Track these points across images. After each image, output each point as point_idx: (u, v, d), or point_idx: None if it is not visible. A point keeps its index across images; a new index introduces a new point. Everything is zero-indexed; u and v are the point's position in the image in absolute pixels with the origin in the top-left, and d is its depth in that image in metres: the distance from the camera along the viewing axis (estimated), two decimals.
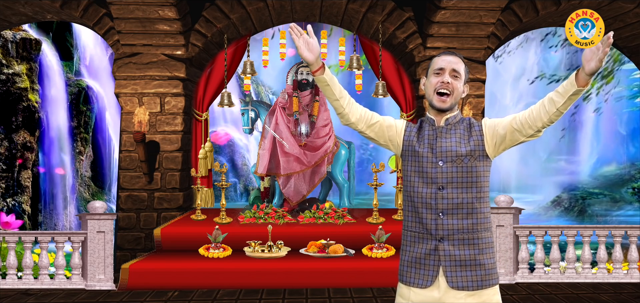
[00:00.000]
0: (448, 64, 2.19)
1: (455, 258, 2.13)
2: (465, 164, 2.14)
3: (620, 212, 13.65)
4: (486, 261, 2.15)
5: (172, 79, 6.74)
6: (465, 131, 2.20)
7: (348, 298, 4.94)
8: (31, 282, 5.44)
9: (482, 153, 2.16)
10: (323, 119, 6.92)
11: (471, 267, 2.13)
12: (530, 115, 2.08)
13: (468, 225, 2.14)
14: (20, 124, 9.89)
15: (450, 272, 2.13)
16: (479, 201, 2.16)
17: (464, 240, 2.14)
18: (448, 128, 2.20)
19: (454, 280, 2.12)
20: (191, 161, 7.16)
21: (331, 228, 6.03)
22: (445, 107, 2.18)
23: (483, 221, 2.17)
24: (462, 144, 2.16)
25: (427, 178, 2.16)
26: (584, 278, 5.60)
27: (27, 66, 10.18)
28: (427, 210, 2.16)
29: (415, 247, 2.21)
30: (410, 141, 2.24)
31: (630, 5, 6.69)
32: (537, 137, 2.13)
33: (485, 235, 2.17)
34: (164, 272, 5.37)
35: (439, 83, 2.17)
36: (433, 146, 2.18)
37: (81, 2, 6.68)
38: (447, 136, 2.19)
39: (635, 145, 14.86)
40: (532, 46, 16.10)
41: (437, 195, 2.14)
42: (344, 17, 7.19)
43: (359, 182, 7.96)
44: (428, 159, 2.17)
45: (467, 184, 2.14)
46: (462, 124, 2.23)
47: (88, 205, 5.59)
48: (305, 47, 2.14)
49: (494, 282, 2.16)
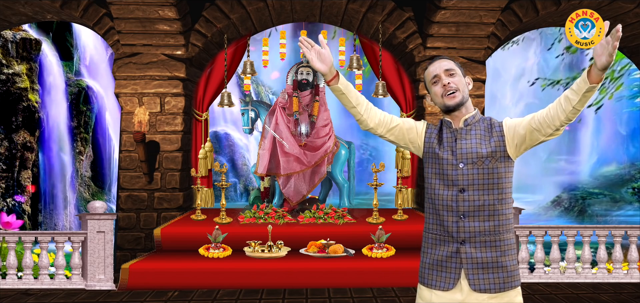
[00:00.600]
0: (440, 68, 2.20)
1: (477, 260, 2.11)
2: (487, 166, 2.12)
3: (620, 212, 13.66)
4: (508, 263, 2.13)
5: (172, 79, 6.75)
6: (486, 131, 2.18)
7: (348, 298, 4.93)
8: (31, 282, 5.44)
9: (504, 153, 2.14)
10: (323, 119, 6.92)
11: (493, 269, 2.11)
12: (548, 114, 2.06)
13: (490, 227, 2.12)
14: (20, 124, 9.89)
15: (473, 274, 2.11)
16: (500, 203, 2.14)
17: (485, 242, 2.12)
18: (467, 128, 2.18)
19: (477, 283, 2.11)
20: (191, 161, 7.16)
21: (331, 228, 6.03)
22: (457, 101, 2.16)
23: (505, 223, 2.15)
24: (482, 145, 2.14)
25: (448, 181, 2.15)
26: (584, 278, 5.60)
27: (27, 66, 10.19)
28: (448, 213, 2.15)
29: (436, 250, 2.20)
30: (431, 144, 2.23)
31: (630, 5, 6.69)
32: (557, 135, 2.10)
33: (507, 236, 2.16)
34: (164, 271, 5.37)
35: (441, 88, 2.18)
36: (453, 148, 2.17)
37: (81, 2, 6.68)
38: (467, 137, 2.17)
39: (635, 145, 14.86)
40: (533, 46, 16.11)
41: (458, 197, 2.13)
42: (344, 17, 7.19)
43: (359, 182, 7.96)
44: (448, 162, 2.16)
45: (489, 186, 2.12)
46: (482, 123, 2.20)
47: (88, 205, 5.59)
48: (317, 59, 2.13)
49: (516, 283, 2.15)
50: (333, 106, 7.26)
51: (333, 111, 7.32)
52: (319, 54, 2.13)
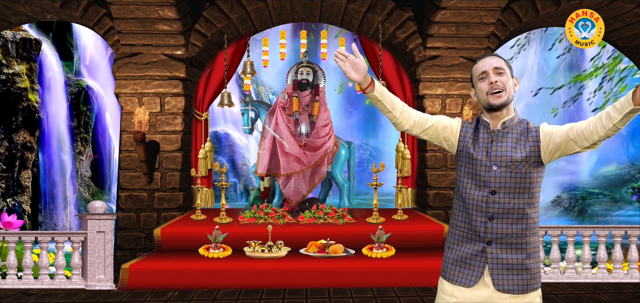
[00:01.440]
0: (489, 65, 2.18)
1: (503, 261, 2.13)
2: (520, 170, 2.12)
3: (620, 212, 13.66)
4: (532, 265, 2.16)
5: (172, 79, 6.75)
6: (522, 135, 2.17)
7: (348, 298, 4.93)
8: (31, 282, 5.44)
9: (537, 159, 2.14)
10: (323, 119, 6.92)
11: (518, 271, 2.13)
12: (587, 128, 2.04)
13: (517, 230, 2.13)
14: (20, 124, 9.89)
15: (497, 274, 2.13)
16: (529, 207, 2.15)
17: (512, 244, 2.14)
18: (505, 131, 2.18)
19: (500, 283, 2.13)
20: (191, 161, 7.16)
21: (331, 228, 6.03)
22: (502, 101, 2.15)
23: (532, 227, 2.16)
24: (518, 150, 2.14)
25: (480, 181, 2.16)
26: (584, 278, 5.60)
27: (27, 66, 10.18)
28: (477, 213, 2.16)
29: (462, 247, 2.21)
30: (466, 143, 2.23)
31: (630, 5, 6.69)
32: (593, 149, 2.09)
33: (533, 239, 2.17)
34: (164, 271, 5.37)
35: (488, 85, 2.16)
36: (489, 150, 2.17)
37: (81, 2, 6.68)
38: (503, 140, 2.16)
39: (635, 145, 14.86)
40: (533, 45, 16.10)
41: (488, 198, 2.14)
42: (344, 17, 7.19)
43: (359, 182, 7.96)
44: (482, 163, 2.16)
45: (520, 189, 2.13)
46: (519, 127, 2.19)
47: (88, 205, 5.59)
48: (352, 70, 2.13)
49: (537, 285, 2.17)
50: (333, 106, 7.26)
51: (333, 111, 7.33)
52: (353, 64, 2.14)
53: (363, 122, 17.04)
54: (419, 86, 6.93)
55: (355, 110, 17.11)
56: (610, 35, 7.47)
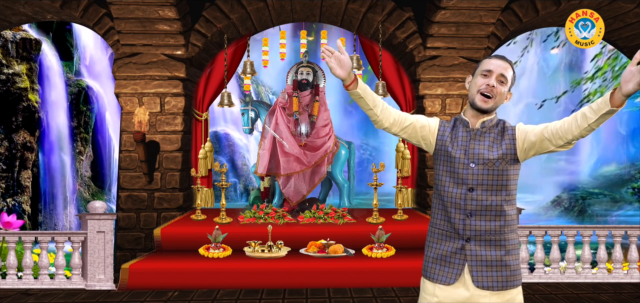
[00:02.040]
0: (497, 67, 2.19)
1: (482, 258, 2.16)
2: (497, 168, 2.15)
3: (620, 212, 13.65)
4: (512, 262, 2.18)
5: (172, 79, 6.75)
6: (499, 134, 2.22)
7: (348, 298, 4.93)
8: (31, 282, 5.44)
9: (513, 156, 2.18)
10: (323, 119, 6.92)
11: (497, 267, 2.15)
12: (562, 127, 2.07)
13: (496, 226, 2.16)
14: (20, 124, 9.89)
15: (476, 271, 2.16)
16: (507, 204, 2.18)
17: (491, 241, 2.17)
18: (483, 130, 2.21)
19: (480, 280, 2.15)
20: (191, 161, 7.16)
21: (331, 228, 6.03)
22: (485, 108, 2.19)
23: (510, 223, 2.20)
24: (494, 148, 2.18)
25: (458, 179, 2.18)
26: (584, 278, 5.60)
27: (27, 66, 10.18)
28: (456, 210, 2.18)
29: (441, 245, 2.23)
30: (444, 142, 2.26)
31: (630, 5, 6.69)
32: (567, 148, 2.13)
33: (511, 236, 2.20)
34: (164, 272, 5.37)
35: (484, 85, 2.18)
36: (467, 148, 2.20)
37: (81, 2, 6.68)
38: (481, 138, 2.20)
39: (635, 145, 14.86)
40: (532, 45, 16.10)
41: (466, 195, 2.16)
42: (344, 17, 7.19)
43: (359, 182, 7.96)
44: (460, 161, 2.19)
45: (497, 187, 2.16)
46: (496, 127, 2.23)
47: (88, 205, 5.59)
48: (337, 66, 2.15)
49: (517, 282, 2.20)
50: (333, 106, 7.26)
51: (333, 111, 7.32)
52: (338, 61, 2.15)
53: (363, 122, 17.04)
54: (419, 86, 6.93)
55: (355, 110, 17.12)
56: (610, 35, 7.47)
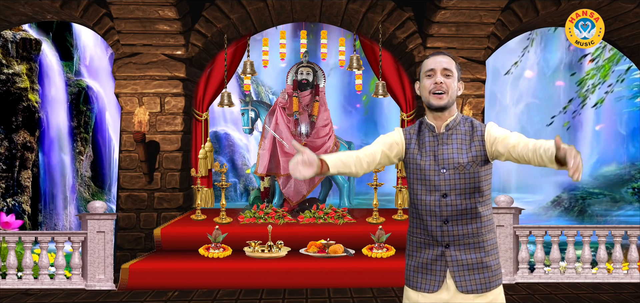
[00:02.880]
0: (438, 64, 2.17)
1: (463, 262, 2.14)
2: (468, 171, 2.13)
3: (620, 212, 13.65)
4: (492, 262, 2.17)
5: (172, 79, 6.74)
6: (467, 135, 2.17)
7: (348, 298, 4.93)
8: (31, 282, 5.44)
9: (483, 158, 2.15)
10: (323, 119, 6.93)
11: (479, 269, 2.14)
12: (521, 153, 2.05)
13: (473, 229, 2.14)
14: (20, 124, 9.89)
15: (459, 276, 2.13)
16: (482, 205, 2.16)
17: (469, 244, 2.15)
18: (449, 133, 2.18)
19: (463, 285, 2.13)
20: (191, 161, 7.16)
21: (331, 228, 6.03)
22: (442, 104, 2.15)
23: (487, 224, 2.18)
24: (463, 151, 2.14)
25: (430, 186, 2.15)
26: (584, 278, 5.59)
27: (27, 66, 10.18)
28: (432, 218, 2.15)
29: (421, 253, 2.20)
30: (412, 150, 2.22)
31: (630, 5, 6.69)
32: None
33: (489, 236, 2.19)
34: (164, 272, 5.37)
35: (432, 84, 2.15)
36: (436, 154, 2.16)
37: (81, 2, 6.68)
38: (448, 142, 2.16)
39: (635, 145, 14.86)
40: (532, 45, 16.10)
41: (441, 202, 2.13)
42: (344, 17, 7.19)
43: (359, 182, 7.95)
44: (431, 168, 2.16)
45: (470, 190, 2.13)
46: (463, 126, 2.19)
47: (88, 205, 5.59)
48: (305, 168, 1.95)
49: (499, 281, 2.19)
50: (333, 106, 7.26)
51: (333, 111, 7.32)
52: (304, 163, 1.96)
53: (363, 122, 17.04)
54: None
55: (355, 110, 17.12)
56: (610, 35, 7.47)
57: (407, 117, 7.12)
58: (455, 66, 2.19)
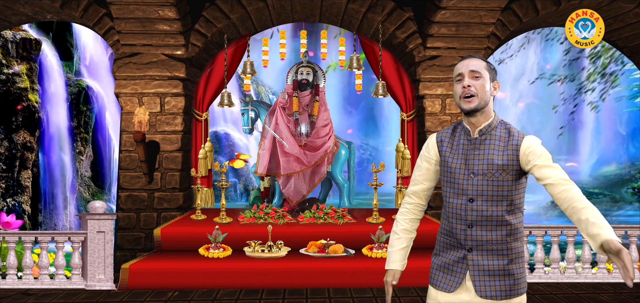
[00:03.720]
0: (466, 67, 2.14)
1: (484, 267, 2.11)
2: (496, 178, 2.09)
3: (620, 212, 13.66)
4: (515, 271, 2.13)
5: (172, 79, 6.75)
6: (501, 141, 2.12)
7: (348, 298, 4.93)
8: (31, 282, 5.44)
9: (516, 168, 2.10)
10: (323, 119, 6.92)
11: (500, 276, 2.11)
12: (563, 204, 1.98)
13: (497, 236, 2.11)
14: (20, 124, 9.89)
15: (479, 281, 2.11)
16: (509, 214, 2.12)
17: (493, 250, 2.12)
18: (482, 138, 2.14)
19: (483, 289, 2.11)
20: (191, 161, 7.16)
21: (331, 228, 6.03)
22: (472, 107, 2.11)
23: (514, 233, 2.13)
24: (495, 157, 2.10)
25: (459, 189, 2.14)
26: (584, 278, 5.60)
27: (27, 66, 10.18)
28: (457, 220, 2.15)
29: (446, 253, 2.22)
30: (444, 153, 2.22)
31: (630, 5, 6.69)
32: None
33: (515, 245, 2.14)
34: (164, 272, 5.37)
35: (461, 89, 2.13)
36: (467, 158, 2.15)
37: (81, 2, 6.68)
38: (480, 147, 2.14)
39: (635, 145, 14.86)
40: (533, 45, 16.10)
41: (467, 206, 2.12)
42: (344, 17, 7.19)
43: (359, 182, 7.96)
44: (460, 171, 2.15)
45: (498, 197, 2.10)
46: (498, 131, 2.14)
47: (88, 205, 5.59)
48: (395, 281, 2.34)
49: (521, 290, 2.14)
50: (333, 106, 7.26)
51: (333, 111, 7.31)
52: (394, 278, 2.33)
53: (363, 122, 17.04)
54: (419, 86, 6.93)
55: (355, 110, 17.11)
56: (610, 35, 7.47)
57: (407, 117, 7.13)
58: (485, 66, 2.16)
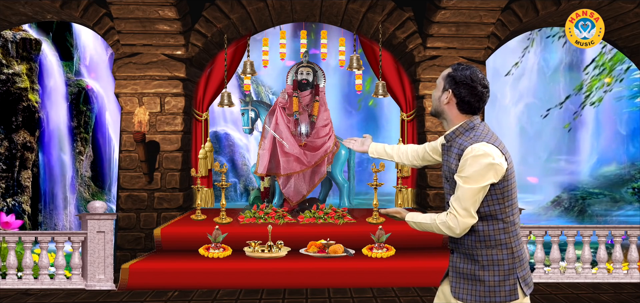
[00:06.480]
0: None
1: (459, 269, 2.22)
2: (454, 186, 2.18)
3: (620, 212, 13.65)
4: (487, 277, 2.13)
5: (172, 79, 6.75)
6: (460, 149, 2.17)
7: (348, 298, 4.93)
8: (31, 282, 5.44)
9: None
10: (323, 119, 6.92)
11: (472, 281, 2.18)
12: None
13: (467, 241, 2.19)
14: (20, 124, 9.89)
15: (454, 282, 2.24)
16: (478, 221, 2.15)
17: (466, 254, 2.21)
18: (448, 145, 2.26)
19: (456, 290, 2.22)
20: (191, 161, 7.16)
21: (331, 228, 6.03)
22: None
23: (484, 239, 2.15)
24: (452, 163, 2.20)
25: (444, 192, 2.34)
26: (584, 278, 5.60)
27: (27, 66, 10.18)
28: None
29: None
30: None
31: (630, 5, 6.69)
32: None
33: (487, 252, 2.15)
34: (164, 272, 5.37)
35: None
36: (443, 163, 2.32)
37: (81, 2, 6.68)
38: (448, 154, 2.25)
39: (635, 145, 14.85)
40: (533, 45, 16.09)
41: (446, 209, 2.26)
42: (344, 17, 7.19)
43: (359, 182, 7.96)
44: (442, 175, 2.40)
45: None
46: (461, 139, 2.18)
47: (88, 205, 5.59)
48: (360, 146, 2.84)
49: (497, 299, 2.12)
50: (333, 106, 7.26)
51: (333, 111, 7.31)
52: (360, 143, 2.82)
53: (363, 122, 17.03)
54: (419, 86, 6.93)
55: (355, 110, 17.11)
56: (610, 35, 7.47)
57: (407, 117, 7.13)
58: (445, 76, 2.24)
